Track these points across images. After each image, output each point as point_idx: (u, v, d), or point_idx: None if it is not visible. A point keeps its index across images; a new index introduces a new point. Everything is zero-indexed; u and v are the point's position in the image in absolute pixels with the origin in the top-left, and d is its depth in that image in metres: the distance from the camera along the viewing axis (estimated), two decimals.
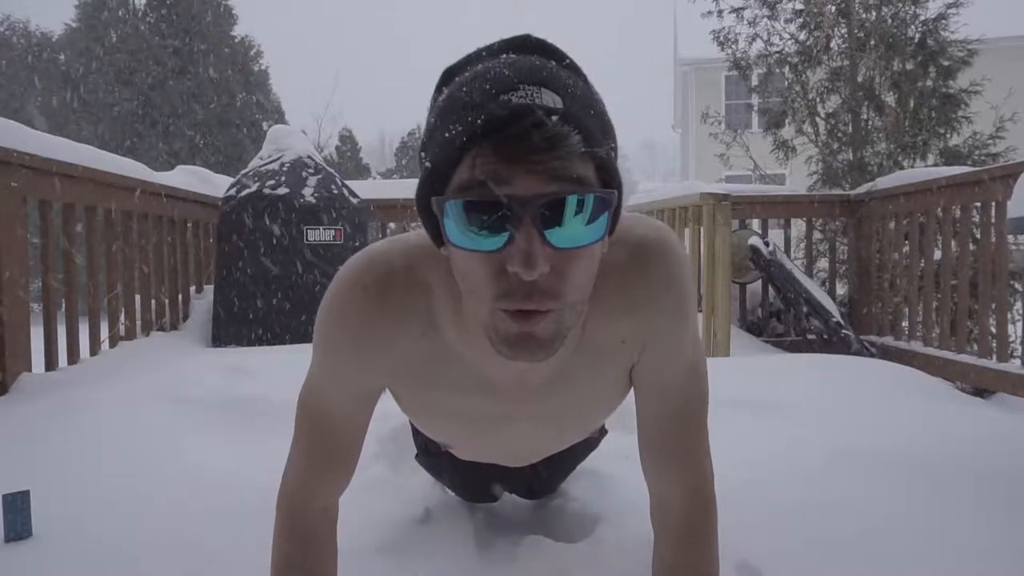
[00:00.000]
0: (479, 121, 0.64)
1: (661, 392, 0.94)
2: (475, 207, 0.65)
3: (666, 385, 0.93)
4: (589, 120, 0.67)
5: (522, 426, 0.98)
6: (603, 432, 1.43)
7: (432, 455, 1.35)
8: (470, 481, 1.41)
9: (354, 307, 0.85)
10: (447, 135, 0.66)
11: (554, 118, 0.63)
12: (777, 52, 6.57)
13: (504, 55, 0.70)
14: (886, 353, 3.76)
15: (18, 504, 1.27)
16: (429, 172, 0.69)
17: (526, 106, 0.63)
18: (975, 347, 3.33)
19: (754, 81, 7.02)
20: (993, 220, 3.11)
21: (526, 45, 0.71)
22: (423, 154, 0.71)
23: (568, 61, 0.72)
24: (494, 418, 0.96)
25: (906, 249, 3.82)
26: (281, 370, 1.01)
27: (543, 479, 1.42)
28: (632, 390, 0.98)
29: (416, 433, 1.37)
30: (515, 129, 0.63)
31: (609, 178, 0.69)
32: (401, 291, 0.84)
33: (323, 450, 0.94)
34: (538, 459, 1.22)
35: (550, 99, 0.64)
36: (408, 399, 0.97)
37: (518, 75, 0.66)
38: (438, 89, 0.73)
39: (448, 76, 0.72)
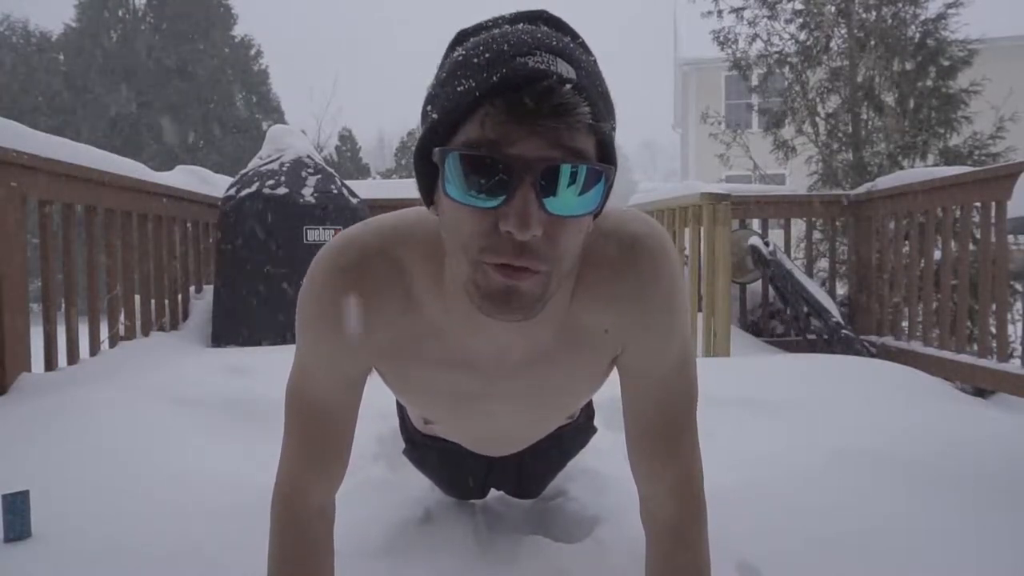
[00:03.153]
0: (495, 79, 0.65)
1: (646, 387, 0.94)
2: (478, 162, 0.66)
3: (650, 381, 0.93)
4: (597, 96, 0.68)
5: (501, 404, 0.98)
6: (592, 430, 1.43)
7: (418, 446, 1.35)
8: (456, 475, 1.40)
9: (332, 289, 0.85)
10: (459, 89, 0.67)
11: (567, 86, 0.64)
12: (777, 52, 6.58)
13: (520, 24, 0.71)
14: (886, 353, 3.75)
15: (18, 504, 1.27)
16: (434, 124, 0.70)
17: (542, 71, 0.64)
18: (975, 347, 3.33)
19: (754, 81, 7.03)
20: (993, 220, 3.11)
21: (541, 18, 0.73)
22: (428, 107, 0.72)
23: (580, 40, 0.73)
24: (475, 395, 0.96)
25: (906, 249, 3.82)
26: (281, 370, 1.01)
27: (530, 474, 1.42)
28: (609, 380, 0.98)
29: (403, 425, 1.37)
30: (529, 92, 0.64)
31: (607, 154, 0.70)
32: (378, 271, 0.85)
33: (315, 439, 0.94)
34: (521, 447, 1.22)
35: (564, 68, 0.65)
36: (392, 376, 0.98)
37: (535, 42, 0.67)
38: (451, 47, 0.73)
39: (462, 37, 0.73)
